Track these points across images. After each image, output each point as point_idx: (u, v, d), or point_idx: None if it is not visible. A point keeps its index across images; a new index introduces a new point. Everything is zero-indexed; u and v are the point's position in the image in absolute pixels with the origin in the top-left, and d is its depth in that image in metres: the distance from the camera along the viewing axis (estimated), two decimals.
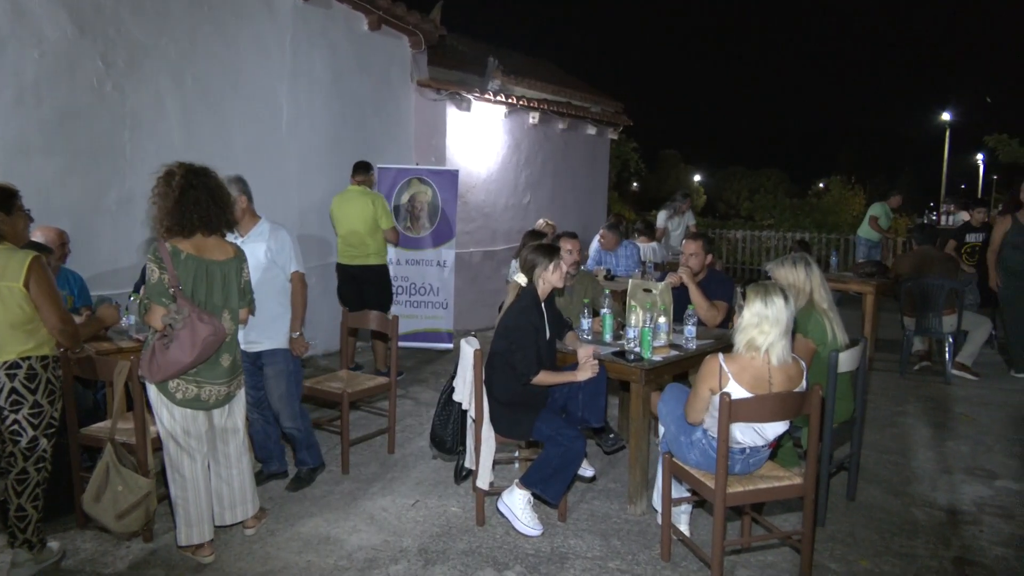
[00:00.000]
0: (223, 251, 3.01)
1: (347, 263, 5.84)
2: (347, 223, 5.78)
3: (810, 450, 2.86)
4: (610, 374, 3.55)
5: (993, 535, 3.36)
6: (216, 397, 3.01)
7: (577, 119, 9.77)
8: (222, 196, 3.01)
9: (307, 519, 3.49)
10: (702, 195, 43.96)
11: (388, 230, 5.78)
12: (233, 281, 3.02)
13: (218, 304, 2.97)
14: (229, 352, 3.03)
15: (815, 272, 3.53)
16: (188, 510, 2.99)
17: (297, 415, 3.77)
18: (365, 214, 5.70)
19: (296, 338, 3.71)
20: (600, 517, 3.54)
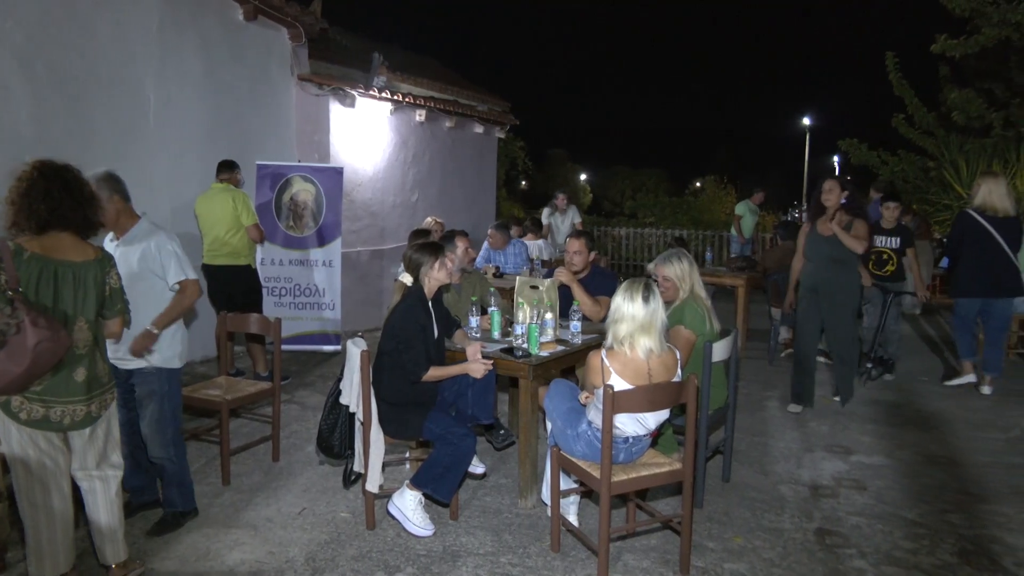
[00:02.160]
0: (80, 252, 2.67)
1: (212, 263, 5.59)
2: (210, 222, 5.54)
3: (688, 437, 3.00)
4: (499, 370, 3.58)
5: (849, 506, 3.66)
6: (72, 418, 2.65)
7: (464, 117, 9.79)
8: (81, 191, 2.66)
9: (184, 535, 3.30)
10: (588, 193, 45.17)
11: (250, 227, 5.56)
12: (91, 286, 2.67)
13: (68, 311, 2.61)
14: (85, 366, 2.67)
15: (691, 266, 3.73)
16: (40, 540, 2.65)
17: (169, 444, 3.29)
18: (226, 212, 5.48)
19: (145, 332, 3.13)
20: (492, 513, 3.57)
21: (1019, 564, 3.09)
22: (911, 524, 3.46)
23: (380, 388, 3.39)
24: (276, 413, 4.24)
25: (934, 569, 3.05)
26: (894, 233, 6.01)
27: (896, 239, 5.98)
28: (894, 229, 6.01)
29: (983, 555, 3.17)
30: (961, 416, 5.10)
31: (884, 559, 3.14)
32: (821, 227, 5.02)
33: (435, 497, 3.35)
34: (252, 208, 5.65)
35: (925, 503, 3.69)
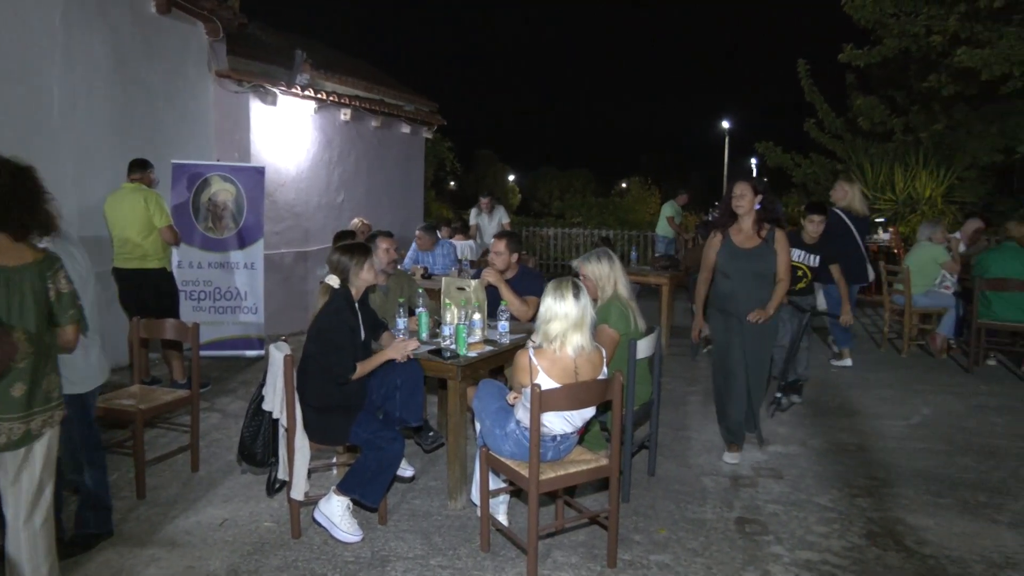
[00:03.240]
0: (17, 255, 2.42)
1: (123, 267, 5.35)
2: (119, 224, 5.30)
3: (614, 433, 3.07)
4: (427, 372, 3.57)
5: (767, 494, 3.82)
6: (8, 437, 2.40)
7: (391, 117, 9.69)
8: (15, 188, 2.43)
9: (95, 554, 3.13)
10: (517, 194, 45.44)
11: (164, 228, 5.34)
12: (28, 293, 2.42)
13: (4, 320, 2.37)
14: (25, 381, 2.41)
15: (617, 265, 3.80)
16: None
17: (83, 467, 3.11)
18: (137, 213, 5.25)
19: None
20: (421, 516, 3.54)
21: (920, 543, 3.29)
22: (823, 509, 3.64)
23: (305, 393, 3.31)
24: (195, 422, 4.08)
25: (844, 551, 3.22)
26: (815, 249, 5.39)
27: (816, 256, 5.37)
28: (816, 245, 5.38)
29: (888, 536, 3.36)
30: (867, 405, 5.39)
31: (799, 544, 3.28)
32: (737, 237, 4.22)
33: (363, 502, 3.30)
34: (166, 209, 5.42)
35: (836, 489, 3.88)
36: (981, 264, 6.41)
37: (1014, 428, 4.88)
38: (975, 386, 5.90)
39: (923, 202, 11.47)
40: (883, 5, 10.56)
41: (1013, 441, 4.62)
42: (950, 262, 6.82)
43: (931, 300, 6.86)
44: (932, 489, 3.88)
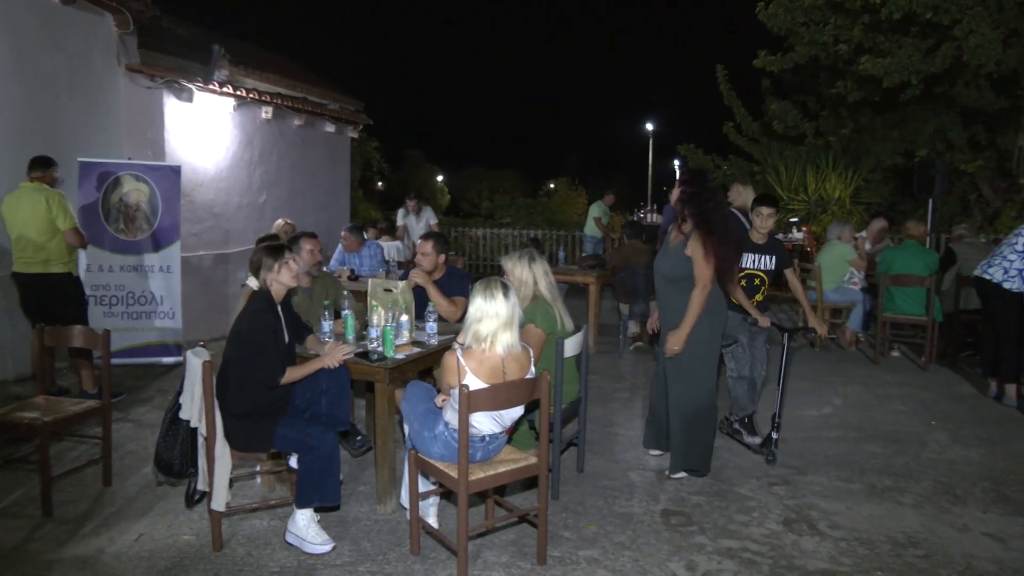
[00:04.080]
0: None
1: (23, 271, 5.04)
2: (19, 225, 4.99)
3: (542, 431, 3.09)
4: (354, 375, 3.52)
5: (690, 487, 3.93)
6: None
7: (315, 116, 9.48)
8: None
9: None
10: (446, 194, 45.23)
11: (68, 231, 5.05)
12: None
13: None
14: None
15: (538, 265, 3.83)
16: None
17: None
18: (38, 214, 4.96)
19: None
20: (349, 522, 3.48)
21: (832, 526, 3.46)
22: (743, 499, 3.77)
23: (225, 400, 3.20)
24: (106, 433, 3.88)
25: (763, 538, 3.35)
26: (768, 249, 4.49)
27: (771, 257, 4.48)
28: (767, 244, 4.50)
29: (803, 521, 3.51)
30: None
31: (721, 533, 3.39)
32: (672, 235, 3.95)
33: (327, 505, 3.27)
34: (70, 210, 5.13)
35: (755, 479, 4.03)
36: (885, 261, 6.79)
37: (915, 415, 5.19)
38: (881, 376, 6.25)
39: (833, 202, 12.07)
40: (794, 14, 11.05)
41: (915, 427, 4.91)
42: (857, 259, 7.20)
43: (841, 296, 7.22)
44: (843, 475, 4.08)
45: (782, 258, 4.51)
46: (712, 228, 3.68)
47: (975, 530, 3.42)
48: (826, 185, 12.29)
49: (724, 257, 3.72)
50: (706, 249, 3.66)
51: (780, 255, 4.50)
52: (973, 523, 3.49)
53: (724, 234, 3.73)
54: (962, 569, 3.07)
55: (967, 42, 9.31)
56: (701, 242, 3.66)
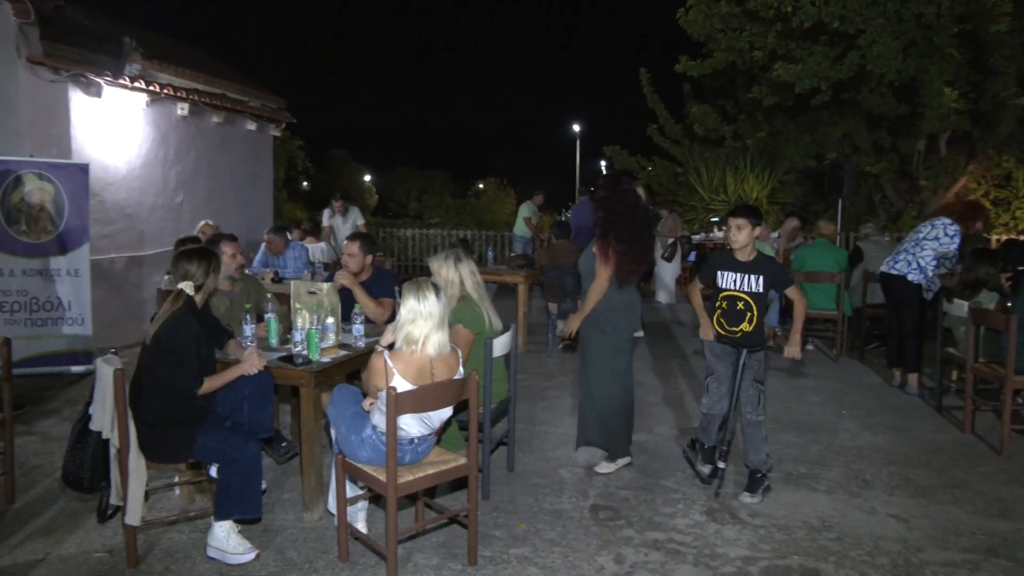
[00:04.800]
0: None
1: None
2: None
3: (471, 432, 3.09)
4: (278, 380, 3.43)
5: (619, 481, 4.01)
6: None
7: (234, 113, 9.17)
8: None
9: None
10: (374, 194, 44.60)
11: None
12: None
13: None
14: None
15: (464, 265, 3.83)
16: None
17: None
18: None
19: None
20: (275, 531, 3.39)
21: (752, 515, 3.59)
22: (669, 491, 3.88)
23: (140, 409, 3.06)
24: (9, 447, 3.65)
25: (687, 528, 3.45)
26: (753, 269, 3.77)
27: (758, 278, 3.75)
28: (753, 263, 3.79)
29: (725, 511, 3.64)
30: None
31: (648, 525, 3.48)
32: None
33: (247, 518, 3.17)
34: None
35: (680, 471, 4.15)
36: (799, 259, 7.11)
37: (828, 405, 5.45)
38: (796, 369, 6.54)
39: (751, 202, 12.54)
40: (712, 21, 11.44)
41: (827, 417, 5.16)
42: (774, 257, 7.51)
43: None
44: None
45: (773, 279, 3.78)
46: (616, 230, 3.88)
47: (882, 512, 3.62)
48: (744, 186, 12.77)
49: (625, 255, 3.89)
50: (606, 249, 3.88)
51: (770, 275, 3.77)
52: (880, 506, 3.69)
53: (630, 237, 3.90)
54: (870, 549, 3.24)
55: (870, 51, 9.86)
56: (602, 243, 3.90)
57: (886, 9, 9.78)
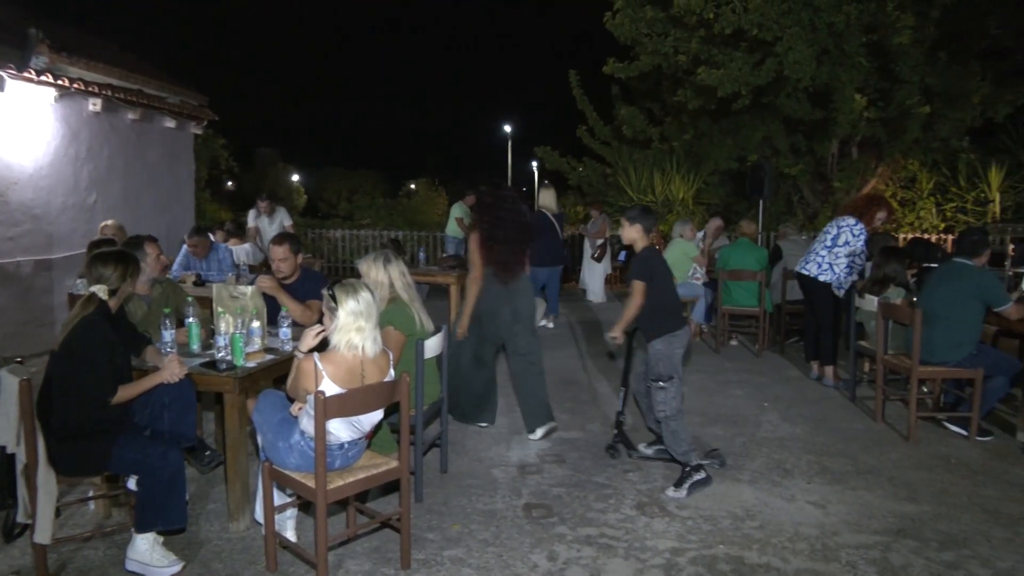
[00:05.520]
0: None
1: None
2: None
3: (403, 434, 3.06)
4: (201, 387, 3.32)
5: (552, 479, 4.05)
6: None
7: (152, 110, 8.80)
8: None
9: None
10: (303, 195, 43.61)
11: None
12: None
13: None
14: None
15: (394, 266, 3.79)
16: None
17: None
18: None
19: None
20: (200, 542, 3.27)
21: (680, 507, 3.69)
22: (600, 487, 3.94)
23: (50, 421, 2.90)
24: None
25: (618, 523, 3.51)
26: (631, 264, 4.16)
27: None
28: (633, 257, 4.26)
29: (654, 504, 3.72)
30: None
31: (580, 521, 3.52)
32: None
33: (171, 529, 3.04)
34: None
35: (611, 467, 4.22)
36: (722, 257, 7.35)
37: (751, 399, 5.66)
38: (721, 364, 6.76)
39: (677, 203, 12.89)
40: (638, 25, 11.70)
41: (751, 410, 5.35)
42: (699, 256, 7.74)
43: (686, 290, 7.70)
44: None
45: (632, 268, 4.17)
46: (491, 231, 4.50)
47: (801, 500, 3.78)
48: (671, 187, 13.11)
49: (503, 253, 4.51)
50: (479, 247, 4.51)
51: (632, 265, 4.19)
52: (800, 493, 3.86)
53: (504, 239, 4.50)
54: (791, 535, 3.38)
55: (787, 58, 10.29)
56: (477, 241, 4.53)
57: (800, 18, 10.23)
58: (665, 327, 3.95)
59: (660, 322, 3.95)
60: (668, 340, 3.94)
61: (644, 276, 3.94)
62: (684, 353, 4.02)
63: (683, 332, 3.99)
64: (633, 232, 4.03)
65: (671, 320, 3.97)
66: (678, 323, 3.99)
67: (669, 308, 4.01)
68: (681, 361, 3.99)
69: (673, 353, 3.94)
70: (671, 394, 3.90)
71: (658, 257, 4.09)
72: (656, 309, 3.95)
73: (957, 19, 11.28)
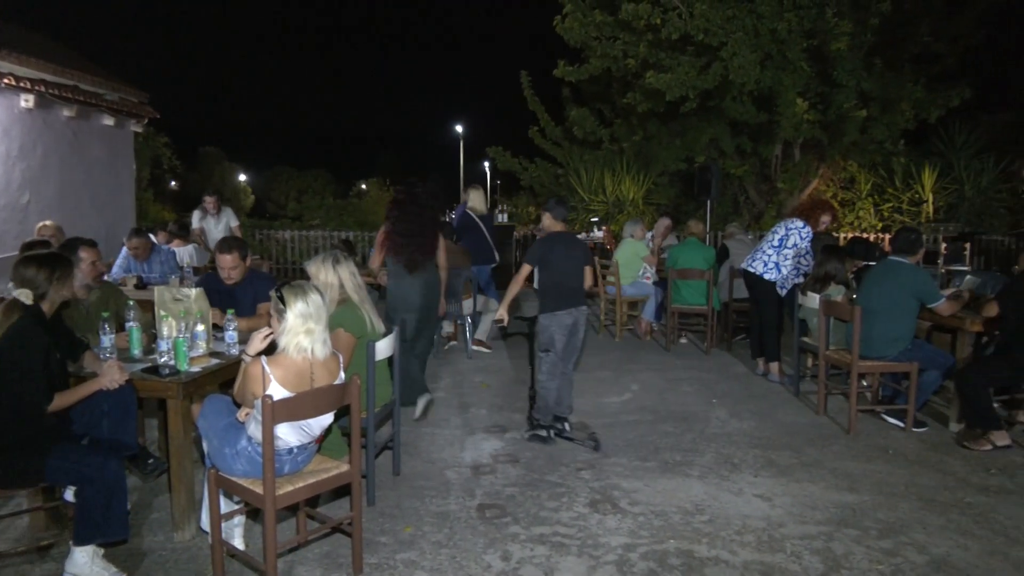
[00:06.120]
0: None
1: None
2: None
3: (353, 437, 3.02)
4: (142, 392, 3.22)
5: (505, 479, 4.05)
6: None
7: (89, 106, 8.50)
8: None
9: None
10: (250, 195, 42.71)
11: None
12: None
13: None
14: None
15: (344, 267, 3.75)
16: None
17: None
18: None
19: None
20: (143, 553, 3.17)
21: (632, 503, 3.74)
22: (553, 486, 3.96)
23: None
24: None
25: (571, 521, 3.54)
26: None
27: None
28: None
29: (607, 501, 3.76)
30: (590, 387, 5.98)
31: (533, 520, 3.54)
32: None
33: (112, 541, 2.94)
34: None
35: (564, 466, 4.25)
36: (671, 257, 7.47)
37: (700, 395, 5.77)
38: (671, 362, 6.87)
39: (628, 203, 13.06)
40: (588, 29, 11.81)
41: (700, 407, 5.46)
42: (649, 255, 7.86)
43: (636, 289, 7.83)
44: (640, 455, 4.43)
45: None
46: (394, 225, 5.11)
47: (748, 493, 3.87)
48: (621, 187, 13.27)
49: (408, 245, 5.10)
50: (382, 240, 5.17)
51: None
52: (747, 487, 3.95)
53: (405, 232, 5.07)
54: (739, 528, 3.46)
55: (732, 63, 10.53)
56: (381, 235, 5.17)
57: (744, 24, 10.48)
58: (548, 306, 4.54)
59: (547, 301, 4.56)
60: (550, 317, 4.53)
61: (532, 261, 4.62)
62: (569, 335, 4.56)
63: (565, 313, 4.51)
64: (545, 219, 4.74)
65: (557, 301, 4.51)
66: (563, 305, 4.51)
67: (555, 291, 4.55)
68: (564, 339, 4.54)
69: (553, 329, 4.52)
70: (545, 362, 4.56)
71: (552, 245, 4.60)
72: (546, 289, 4.58)
73: (892, 26, 11.73)
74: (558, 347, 4.53)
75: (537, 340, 4.62)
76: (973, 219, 12.27)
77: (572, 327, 4.55)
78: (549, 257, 4.54)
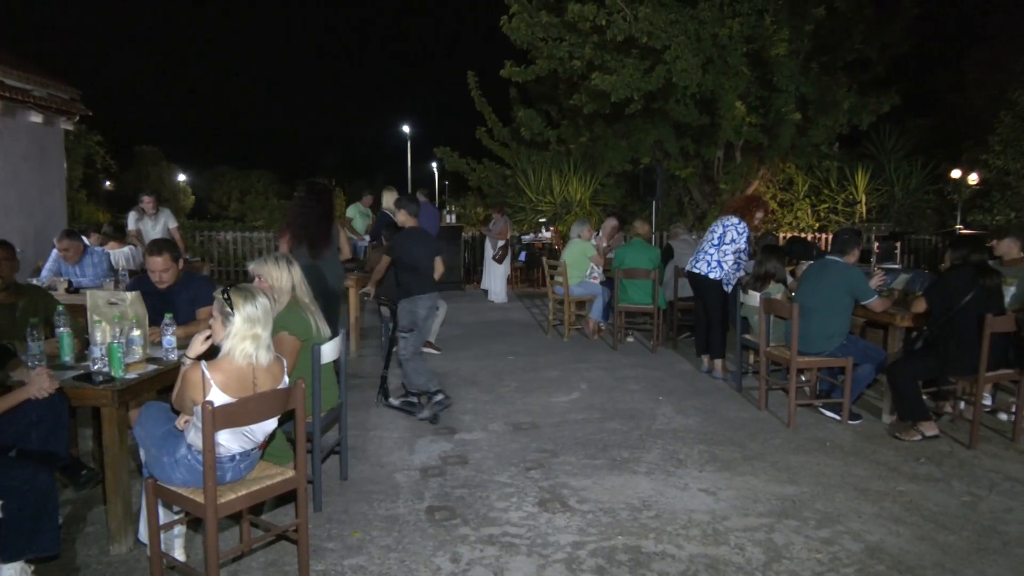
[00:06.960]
0: None
1: None
2: None
3: (298, 443, 2.96)
4: (75, 400, 3.10)
5: (454, 480, 4.04)
6: None
7: (15, 103, 8.13)
8: None
9: None
10: (190, 196, 41.50)
11: None
12: None
13: None
14: None
15: (296, 269, 3.68)
16: None
17: None
18: None
19: None
20: (76, 568, 3.05)
21: (581, 501, 3.77)
22: (503, 486, 3.97)
23: None
24: None
25: (520, 520, 3.55)
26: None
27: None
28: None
29: (556, 500, 3.79)
30: (539, 387, 6.01)
31: (483, 521, 3.53)
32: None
33: (43, 555, 2.81)
34: None
35: (513, 466, 4.26)
36: (618, 257, 7.57)
37: (647, 393, 5.86)
38: (619, 360, 6.96)
39: (575, 204, 13.19)
40: (534, 30, 11.88)
41: (647, 404, 5.55)
42: (596, 255, 7.95)
43: (584, 289, 7.91)
44: (589, 453, 4.47)
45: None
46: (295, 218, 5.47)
47: (693, 487, 3.95)
48: (569, 188, 13.39)
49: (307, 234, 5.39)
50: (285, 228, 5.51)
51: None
52: (692, 482, 4.03)
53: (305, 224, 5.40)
54: (685, 523, 3.53)
55: (675, 66, 10.75)
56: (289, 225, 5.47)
57: (687, 28, 10.71)
58: (406, 292, 5.24)
59: (405, 288, 5.24)
60: (411, 300, 5.22)
61: (390, 253, 5.44)
62: (428, 314, 5.29)
63: (425, 297, 5.23)
64: (400, 216, 5.43)
65: (414, 287, 5.21)
66: (420, 290, 5.22)
67: (410, 279, 5.23)
68: (424, 319, 5.26)
69: (415, 311, 5.21)
70: (411, 342, 5.18)
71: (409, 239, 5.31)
72: (406, 278, 5.26)
73: (827, 32, 12.16)
74: (420, 326, 5.23)
75: (399, 323, 5.28)
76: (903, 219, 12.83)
77: (429, 310, 5.27)
78: (407, 249, 5.27)
